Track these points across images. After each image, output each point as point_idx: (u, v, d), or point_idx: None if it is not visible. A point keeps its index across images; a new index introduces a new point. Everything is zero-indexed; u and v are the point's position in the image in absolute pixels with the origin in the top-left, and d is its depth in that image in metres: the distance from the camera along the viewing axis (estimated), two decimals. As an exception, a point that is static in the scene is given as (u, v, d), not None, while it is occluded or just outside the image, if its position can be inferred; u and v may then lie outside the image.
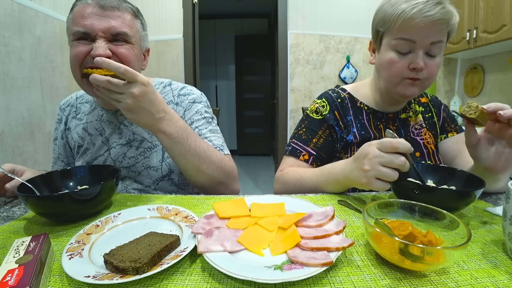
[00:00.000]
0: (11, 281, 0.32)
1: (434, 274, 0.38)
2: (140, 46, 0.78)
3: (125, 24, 0.71)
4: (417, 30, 0.66)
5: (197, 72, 2.69)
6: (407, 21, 0.66)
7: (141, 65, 0.80)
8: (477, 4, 2.08)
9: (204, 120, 0.84)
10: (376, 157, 0.56)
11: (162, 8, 2.50)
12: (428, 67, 0.70)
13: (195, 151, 0.70)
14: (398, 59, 0.70)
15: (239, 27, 5.06)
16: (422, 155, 0.83)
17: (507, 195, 0.42)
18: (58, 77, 2.04)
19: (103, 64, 0.57)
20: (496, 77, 2.34)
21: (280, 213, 0.54)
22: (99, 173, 0.68)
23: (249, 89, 5.10)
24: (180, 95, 0.86)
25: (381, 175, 0.56)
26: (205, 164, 0.71)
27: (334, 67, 2.70)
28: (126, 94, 0.60)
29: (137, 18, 0.76)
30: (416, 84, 0.72)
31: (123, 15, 0.72)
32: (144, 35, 0.79)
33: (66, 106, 0.94)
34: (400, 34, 0.69)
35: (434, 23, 0.65)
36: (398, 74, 0.72)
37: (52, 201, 0.53)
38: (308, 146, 0.83)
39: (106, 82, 0.58)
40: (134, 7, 0.77)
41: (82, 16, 0.67)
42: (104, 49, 0.67)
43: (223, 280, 0.38)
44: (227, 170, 0.76)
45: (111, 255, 0.40)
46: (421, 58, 0.68)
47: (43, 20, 1.89)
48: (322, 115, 0.84)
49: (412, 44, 0.68)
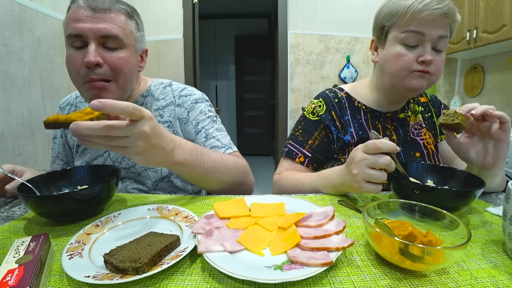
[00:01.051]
0: (11, 281, 0.32)
1: (434, 274, 0.38)
2: (135, 48, 0.75)
3: (117, 26, 0.69)
4: (426, 23, 0.67)
5: (197, 72, 2.69)
6: (416, 13, 0.67)
7: (137, 70, 0.79)
8: (477, 4, 2.08)
9: (209, 119, 0.84)
10: (362, 160, 0.57)
11: (162, 8, 2.50)
12: (435, 61, 0.70)
13: (213, 167, 0.67)
14: (406, 52, 0.71)
15: (239, 27, 5.06)
16: (422, 155, 0.82)
17: (507, 195, 0.42)
18: (58, 77, 2.04)
19: (105, 108, 0.45)
20: (496, 77, 2.34)
21: (280, 213, 0.54)
22: (99, 173, 0.68)
23: (249, 89, 5.10)
24: (181, 96, 0.85)
25: (369, 177, 0.57)
26: (225, 175, 0.70)
27: (334, 67, 2.70)
28: (135, 135, 0.49)
29: (131, 19, 0.74)
30: (425, 78, 0.71)
31: (116, 16, 0.69)
32: (139, 36, 0.77)
33: (66, 105, 0.93)
34: (409, 27, 0.69)
35: (442, 16, 0.67)
36: (406, 67, 0.71)
37: (52, 201, 0.53)
38: (304, 148, 0.83)
39: (105, 129, 0.45)
40: (129, 8, 0.74)
41: (74, 18, 0.66)
42: (94, 55, 0.66)
43: (223, 280, 0.38)
44: (243, 170, 0.76)
45: (111, 255, 0.40)
46: (430, 51, 0.69)
47: (43, 20, 1.89)
48: (318, 115, 0.84)
49: (420, 37, 0.69)
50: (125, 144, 0.49)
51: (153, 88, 0.86)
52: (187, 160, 0.61)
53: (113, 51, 0.70)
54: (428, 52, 0.69)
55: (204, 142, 0.80)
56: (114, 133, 0.47)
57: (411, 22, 0.68)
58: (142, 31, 0.79)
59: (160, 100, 0.84)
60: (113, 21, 0.69)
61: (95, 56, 0.66)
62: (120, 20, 0.70)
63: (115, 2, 0.71)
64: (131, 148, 0.50)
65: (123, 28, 0.70)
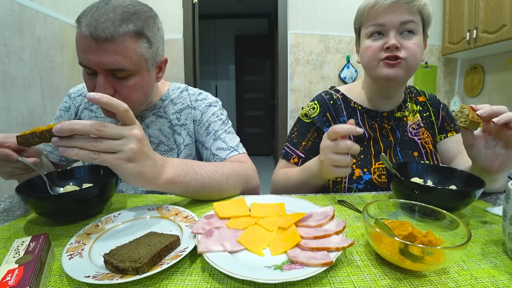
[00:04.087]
0: (11, 281, 0.32)
1: (434, 274, 0.38)
2: (147, 68, 0.70)
3: (122, 57, 0.63)
4: (382, 13, 0.72)
5: (197, 72, 2.69)
6: (371, 9, 0.74)
7: (153, 85, 0.76)
8: (477, 4, 2.08)
9: (220, 121, 0.85)
10: (326, 147, 0.63)
11: (162, 8, 2.50)
12: (405, 46, 0.71)
13: (209, 177, 0.63)
14: (372, 43, 0.75)
15: (239, 27, 5.06)
16: (420, 155, 0.82)
17: (507, 195, 0.42)
18: (58, 77, 2.04)
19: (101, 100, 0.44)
20: (496, 77, 2.34)
21: (280, 213, 0.54)
22: (99, 173, 0.68)
23: (249, 89, 5.10)
24: (197, 100, 0.87)
25: (334, 162, 0.61)
26: (224, 183, 0.66)
27: (334, 67, 2.70)
28: (128, 137, 0.47)
29: (140, 39, 0.65)
30: (398, 65, 0.72)
31: (121, 45, 0.62)
32: (152, 52, 0.69)
33: (77, 96, 0.89)
34: (370, 22, 0.75)
35: (395, 4, 0.70)
36: (373, 56, 0.74)
37: (52, 201, 0.53)
38: (298, 149, 0.86)
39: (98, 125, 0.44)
40: (139, 21, 0.64)
41: (80, 48, 0.63)
42: (103, 88, 0.64)
43: (223, 280, 0.38)
44: (243, 174, 0.73)
45: (111, 255, 0.40)
46: (394, 37, 0.71)
47: (43, 20, 1.89)
48: (310, 118, 0.87)
49: (382, 27, 0.73)
50: (116, 147, 0.46)
51: (171, 92, 0.87)
52: (178, 174, 0.57)
53: (123, 80, 0.66)
54: (391, 38, 0.71)
55: (211, 143, 0.82)
56: (106, 132, 0.44)
57: (370, 18, 0.75)
58: (157, 43, 0.71)
59: (178, 104, 0.86)
60: (117, 53, 0.62)
61: (104, 90, 0.64)
62: (127, 48, 0.63)
63: (120, 23, 0.61)
64: (122, 153, 0.46)
65: (130, 57, 0.64)
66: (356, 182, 0.77)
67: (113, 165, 0.46)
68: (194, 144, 0.87)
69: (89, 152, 0.44)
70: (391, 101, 0.84)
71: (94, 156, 0.44)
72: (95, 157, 0.44)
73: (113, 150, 0.46)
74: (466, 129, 0.59)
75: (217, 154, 0.80)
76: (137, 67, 0.66)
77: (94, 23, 0.59)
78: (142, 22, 0.65)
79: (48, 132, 0.45)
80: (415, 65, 0.73)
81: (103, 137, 0.45)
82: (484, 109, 0.56)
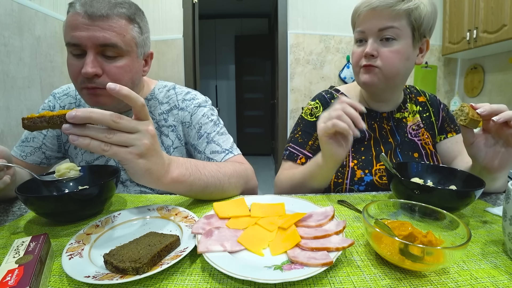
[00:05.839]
0: (11, 281, 0.32)
1: (434, 274, 0.38)
2: (137, 54, 0.71)
3: (116, 33, 0.65)
4: (363, 20, 0.73)
5: (197, 72, 2.69)
6: (355, 15, 0.76)
7: (140, 75, 0.76)
8: (477, 4, 2.08)
9: (212, 122, 0.82)
10: (320, 118, 0.64)
11: (162, 8, 2.50)
12: (381, 54, 0.71)
13: (212, 177, 0.63)
14: (357, 49, 0.76)
15: (239, 27, 5.06)
16: (421, 156, 0.82)
17: (507, 195, 0.42)
18: (58, 77, 2.04)
19: (120, 92, 0.43)
20: (496, 77, 2.33)
21: (280, 213, 0.54)
22: (99, 173, 0.68)
23: (249, 89, 5.09)
24: (185, 100, 0.84)
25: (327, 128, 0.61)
26: (226, 183, 0.67)
27: (334, 67, 2.70)
28: (142, 132, 0.46)
29: (132, 23, 0.69)
30: (372, 72, 0.73)
31: (115, 23, 0.65)
32: (142, 40, 0.73)
33: (63, 95, 0.87)
34: (356, 28, 0.77)
35: (375, 10, 0.70)
36: (355, 63, 0.77)
37: (52, 201, 0.53)
38: (305, 149, 0.84)
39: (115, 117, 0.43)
40: (131, 10, 0.69)
41: (72, 26, 0.63)
42: (92, 66, 0.63)
43: (223, 280, 0.38)
44: (243, 174, 0.73)
45: (111, 255, 0.40)
46: (371, 44, 0.72)
47: (43, 20, 1.88)
48: (316, 116, 0.85)
49: (363, 34, 0.74)
50: (130, 141, 0.45)
51: (157, 91, 0.85)
52: (183, 174, 0.57)
53: (112, 59, 0.67)
54: (369, 45, 0.72)
55: (205, 147, 0.79)
56: (122, 124, 0.43)
57: (356, 24, 0.76)
58: (146, 33, 0.75)
59: (164, 104, 0.83)
60: (111, 29, 0.64)
61: (93, 67, 0.64)
62: (120, 26, 0.66)
63: (115, 5, 0.66)
64: (135, 147, 0.45)
65: (123, 35, 0.66)
66: (357, 184, 0.77)
67: (124, 159, 0.45)
68: (184, 147, 0.85)
69: (100, 144, 0.42)
70: (388, 103, 0.84)
71: (105, 148, 0.43)
72: (106, 148, 0.43)
73: (126, 144, 0.44)
74: (466, 128, 0.59)
75: (212, 158, 0.78)
76: (128, 48, 0.68)
77: (89, 2, 0.63)
78: (134, 10, 0.70)
79: (59, 117, 0.42)
80: (393, 73, 0.72)
81: (117, 129, 0.43)
82: (484, 108, 0.56)
